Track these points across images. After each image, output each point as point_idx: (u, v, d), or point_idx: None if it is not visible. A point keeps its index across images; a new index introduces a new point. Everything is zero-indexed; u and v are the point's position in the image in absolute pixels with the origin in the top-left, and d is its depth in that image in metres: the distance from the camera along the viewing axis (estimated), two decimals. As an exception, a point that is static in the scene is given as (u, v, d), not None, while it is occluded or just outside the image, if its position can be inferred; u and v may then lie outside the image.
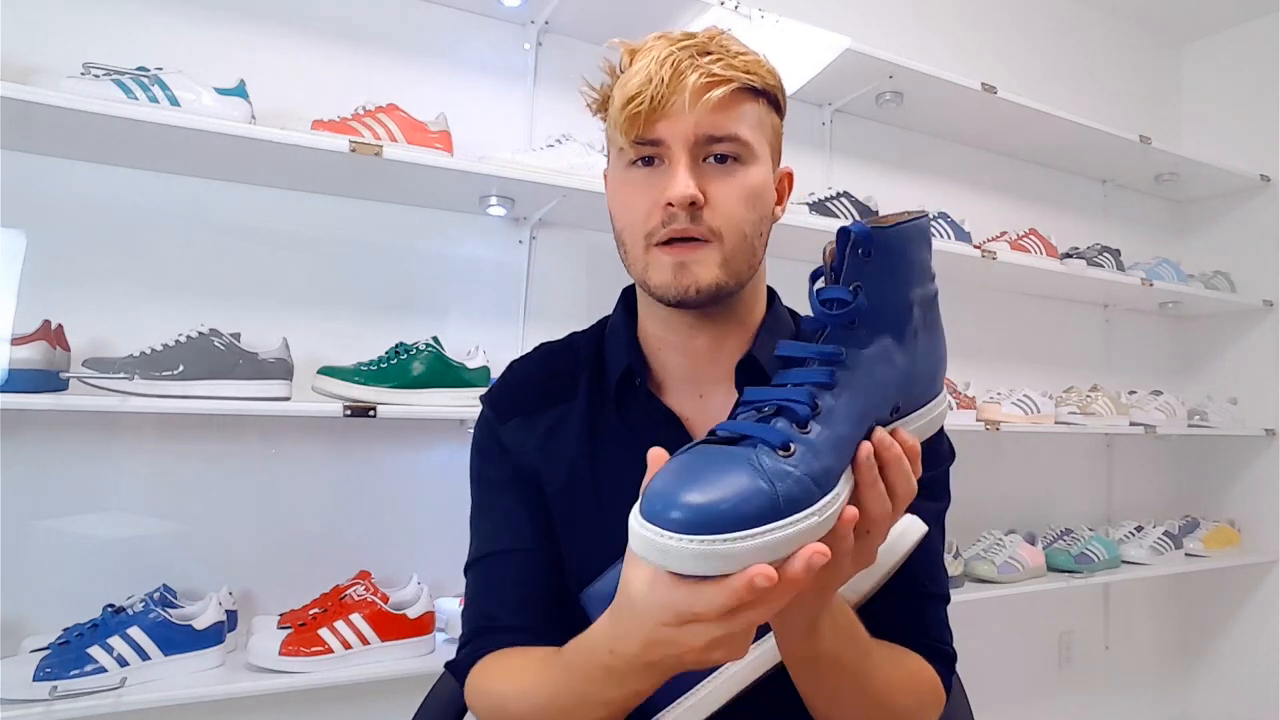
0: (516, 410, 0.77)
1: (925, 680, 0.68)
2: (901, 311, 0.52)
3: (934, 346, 0.56)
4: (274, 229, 1.35)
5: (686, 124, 0.65)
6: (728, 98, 0.65)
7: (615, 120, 0.66)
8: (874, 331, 0.50)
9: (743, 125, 0.67)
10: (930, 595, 0.73)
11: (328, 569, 1.31)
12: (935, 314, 0.57)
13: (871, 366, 0.50)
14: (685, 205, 0.65)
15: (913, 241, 0.53)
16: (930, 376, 0.56)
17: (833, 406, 0.47)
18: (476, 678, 0.70)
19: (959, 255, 1.79)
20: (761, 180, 0.69)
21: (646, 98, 0.64)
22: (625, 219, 0.70)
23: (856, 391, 0.49)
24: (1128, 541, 2.15)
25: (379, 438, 1.40)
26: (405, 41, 1.48)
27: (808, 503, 0.43)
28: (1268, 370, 2.36)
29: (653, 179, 0.68)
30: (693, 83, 0.64)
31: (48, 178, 1.20)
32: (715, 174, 0.67)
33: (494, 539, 0.75)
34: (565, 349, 0.82)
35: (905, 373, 0.52)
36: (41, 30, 1.21)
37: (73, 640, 1.03)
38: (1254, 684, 2.34)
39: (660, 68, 0.64)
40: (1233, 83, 2.57)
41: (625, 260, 0.72)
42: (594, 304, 1.59)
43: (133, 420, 1.22)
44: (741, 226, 0.68)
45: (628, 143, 0.67)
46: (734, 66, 0.66)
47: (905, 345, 0.52)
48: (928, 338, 0.55)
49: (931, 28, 2.14)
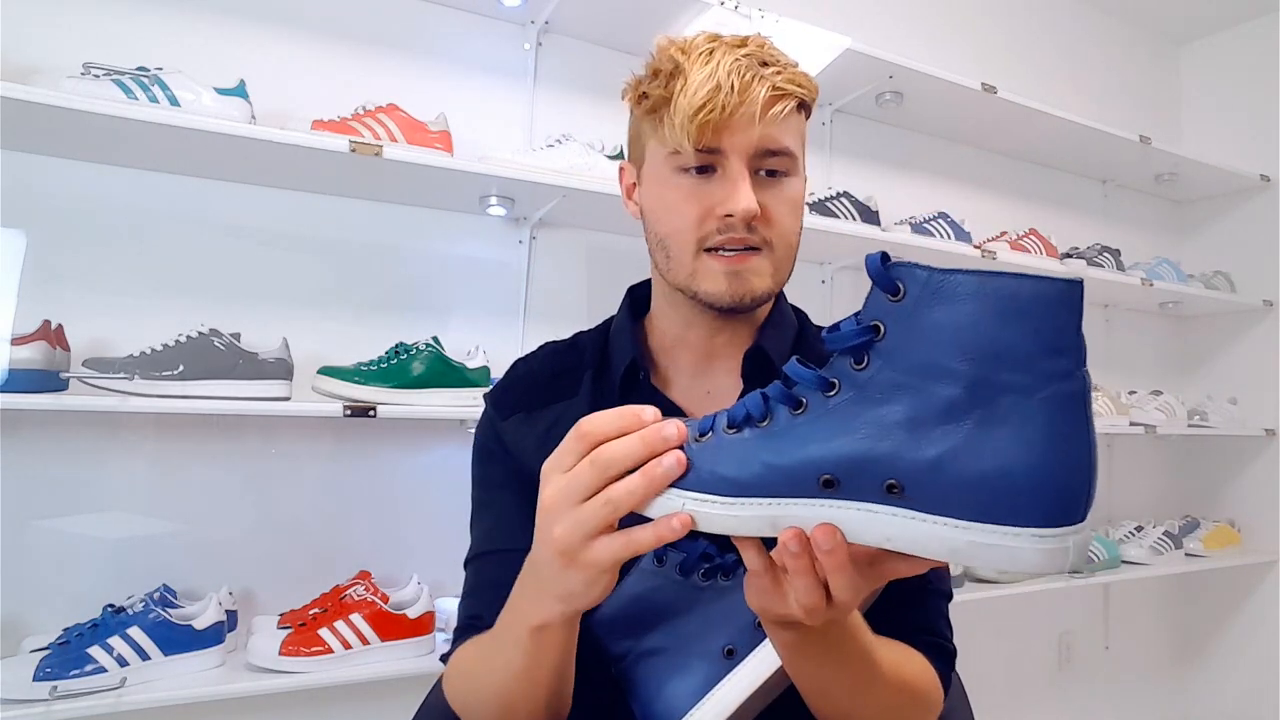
0: (518, 407, 0.78)
1: (926, 678, 0.68)
2: (938, 377, 0.39)
3: (1017, 449, 0.38)
4: (274, 229, 1.35)
5: (750, 136, 0.66)
6: (787, 112, 0.67)
7: (680, 125, 0.66)
8: (886, 388, 0.40)
9: (793, 138, 0.69)
10: (932, 591, 0.73)
11: (328, 569, 1.31)
12: (1055, 412, 0.38)
13: (851, 416, 0.41)
14: (749, 219, 0.66)
15: (1011, 301, 0.38)
16: (979, 483, 0.38)
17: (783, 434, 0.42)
18: (449, 668, 0.71)
19: (959, 255, 1.79)
20: (801, 191, 0.72)
21: (718, 105, 0.64)
22: (673, 224, 0.70)
23: (806, 436, 0.42)
24: (1128, 541, 2.15)
25: (379, 438, 1.40)
26: (405, 41, 1.48)
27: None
28: (1268, 370, 2.36)
29: (707, 187, 0.68)
30: (762, 96, 0.64)
31: (48, 178, 1.20)
32: (768, 186, 0.69)
33: (490, 538, 0.76)
34: (570, 347, 0.82)
35: (907, 446, 0.40)
36: (41, 30, 1.21)
37: (73, 640, 1.03)
38: (1254, 684, 2.34)
39: (729, 76, 0.64)
40: (1233, 83, 2.57)
41: (665, 263, 0.72)
42: (594, 304, 1.59)
43: (133, 420, 1.22)
44: (789, 237, 0.71)
45: (690, 149, 0.67)
46: (793, 80, 0.67)
47: (925, 421, 0.39)
48: (1007, 433, 0.38)
49: (931, 28, 2.14)
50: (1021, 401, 0.38)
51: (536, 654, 0.56)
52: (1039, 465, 0.37)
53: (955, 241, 1.80)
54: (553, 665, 0.57)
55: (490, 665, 0.61)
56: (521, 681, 0.58)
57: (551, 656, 0.56)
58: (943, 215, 1.83)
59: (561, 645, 0.56)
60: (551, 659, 0.56)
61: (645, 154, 0.73)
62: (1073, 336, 0.38)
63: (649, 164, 0.73)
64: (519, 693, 0.59)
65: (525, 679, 0.58)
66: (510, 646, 0.57)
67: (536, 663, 0.56)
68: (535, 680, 0.58)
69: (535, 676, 0.57)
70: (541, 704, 0.59)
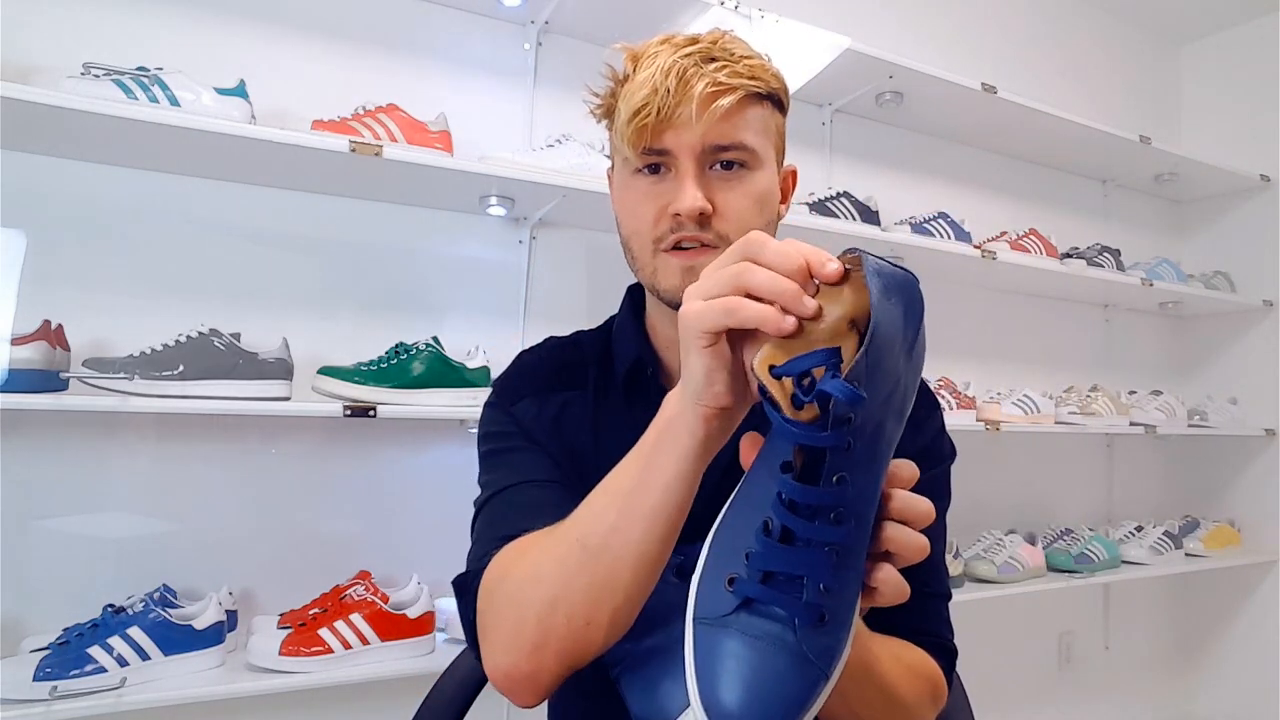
0: (528, 391, 0.77)
1: (926, 674, 0.68)
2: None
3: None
4: (274, 229, 1.35)
5: (693, 134, 0.65)
6: (734, 105, 0.65)
7: (621, 131, 0.67)
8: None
9: (749, 132, 0.68)
10: (932, 594, 0.73)
11: (328, 569, 1.31)
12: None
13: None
14: (694, 217, 0.66)
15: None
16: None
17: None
18: (494, 565, 0.62)
19: (959, 255, 1.79)
20: (767, 185, 0.70)
21: (653, 109, 0.64)
22: (632, 225, 0.71)
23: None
24: (1128, 541, 2.15)
25: (379, 438, 1.40)
26: (405, 41, 1.48)
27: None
28: (1268, 370, 2.36)
29: (659, 187, 0.68)
30: (699, 92, 0.64)
31: (48, 178, 1.20)
32: (722, 181, 0.68)
33: (511, 476, 0.71)
34: (573, 345, 0.83)
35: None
36: (41, 30, 1.21)
37: (73, 640, 1.03)
38: (1254, 684, 2.34)
39: (666, 77, 0.64)
40: (1233, 83, 2.57)
41: (633, 264, 0.73)
42: (594, 304, 1.59)
43: (133, 420, 1.22)
44: (749, 231, 0.67)
45: (634, 154, 0.67)
46: (739, 74, 0.66)
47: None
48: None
49: (931, 28, 2.14)
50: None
51: (655, 457, 0.50)
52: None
53: (955, 241, 1.80)
54: (672, 478, 0.50)
55: (574, 519, 0.55)
56: (625, 514, 0.51)
57: (672, 468, 0.50)
58: (943, 215, 1.83)
59: (687, 454, 0.49)
60: (671, 471, 0.50)
61: (614, 158, 0.75)
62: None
63: (615, 168, 0.75)
64: (620, 525, 0.52)
65: (631, 505, 0.51)
66: (622, 469, 0.53)
67: (652, 472, 0.50)
68: (643, 508, 0.51)
69: (642, 502, 0.51)
70: (636, 546, 0.51)
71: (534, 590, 0.56)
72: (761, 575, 0.41)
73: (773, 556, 0.41)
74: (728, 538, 0.44)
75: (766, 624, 0.41)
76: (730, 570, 0.42)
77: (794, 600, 0.41)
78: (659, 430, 0.51)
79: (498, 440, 0.76)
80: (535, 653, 0.55)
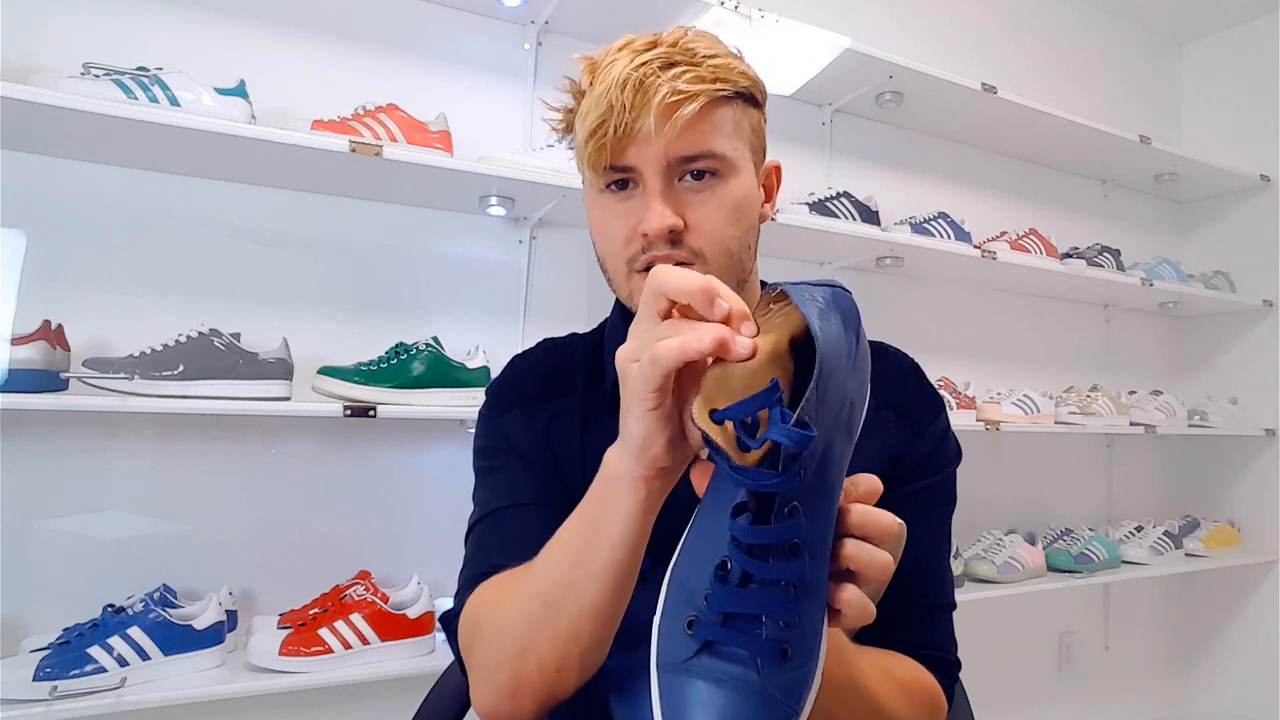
0: (517, 401, 0.76)
1: (920, 689, 0.65)
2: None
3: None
4: (274, 229, 1.35)
5: (657, 148, 0.61)
6: (698, 112, 0.60)
7: (580, 152, 0.63)
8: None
9: (718, 137, 0.63)
10: (932, 606, 0.70)
11: (328, 569, 1.31)
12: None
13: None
14: (664, 236, 0.62)
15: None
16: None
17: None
18: (469, 608, 0.63)
19: (959, 255, 1.79)
20: (744, 191, 0.66)
21: (610, 128, 0.60)
22: (605, 246, 0.68)
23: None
24: (1128, 541, 2.15)
25: (379, 438, 1.40)
26: (405, 41, 1.48)
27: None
28: (1268, 370, 2.36)
29: (628, 205, 0.65)
30: (658, 103, 0.59)
31: (48, 178, 1.20)
32: (693, 193, 0.64)
33: (498, 498, 0.71)
34: (565, 349, 0.81)
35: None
36: (41, 30, 1.21)
37: (73, 640, 1.03)
38: (1254, 684, 2.34)
39: (622, 91, 0.59)
40: (1233, 83, 2.57)
41: (610, 283, 0.71)
42: (594, 304, 1.59)
43: (133, 420, 1.22)
44: (726, 244, 0.65)
45: (595, 175, 0.64)
46: (702, 78, 0.61)
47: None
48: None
49: (931, 27, 2.14)
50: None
51: (601, 518, 0.50)
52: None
53: (955, 241, 1.80)
54: (618, 538, 0.50)
55: (535, 572, 0.55)
56: (577, 570, 0.52)
57: (616, 528, 0.49)
58: (943, 215, 1.83)
59: (630, 514, 0.49)
60: (615, 531, 0.49)
61: (583, 177, 0.70)
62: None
63: (584, 186, 0.71)
64: (575, 582, 0.52)
65: (583, 562, 0.51)
66: (572, 525, 0.53)
67: (599, 533, 0.50)
68: (593, 567, 0.51)
69: (593, 560, 0.51)
70: (592, 602, 0.52)
71: (505, 642, 0.57)
72: (721, 617, 0.41)
73: (730, 598, 0.41)
74: (685, 577, 0.43)
75: (729, 666, 0.40)
76: (689, 612, 0.41)
77: (754, 639, 0.40)
78: (602, 490, 0.50)
79: (487, 457, 0.76)
80: (512, 697, 0.57)
